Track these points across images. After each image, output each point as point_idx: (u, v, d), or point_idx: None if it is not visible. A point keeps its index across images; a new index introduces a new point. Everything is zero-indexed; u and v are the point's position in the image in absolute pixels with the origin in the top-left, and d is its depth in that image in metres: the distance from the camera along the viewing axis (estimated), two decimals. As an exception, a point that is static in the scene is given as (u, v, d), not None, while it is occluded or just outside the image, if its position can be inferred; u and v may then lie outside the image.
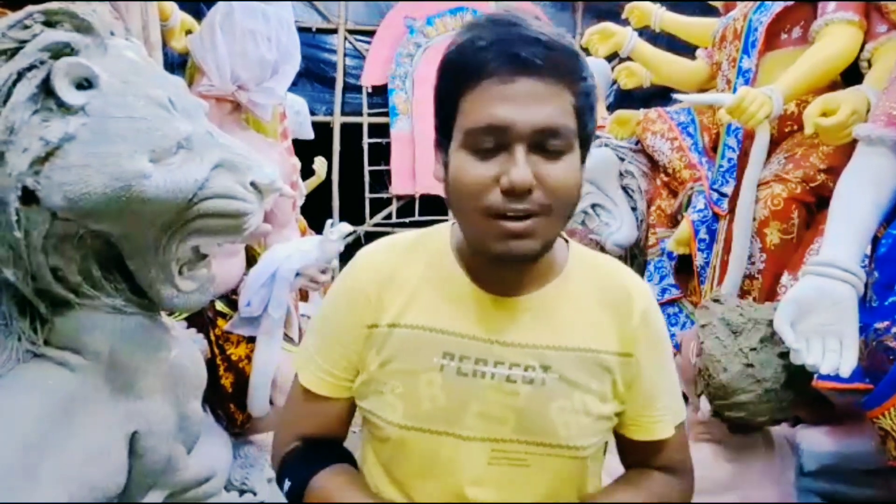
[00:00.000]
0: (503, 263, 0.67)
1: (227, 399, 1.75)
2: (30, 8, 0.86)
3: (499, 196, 0.62)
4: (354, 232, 1.84)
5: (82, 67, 0.85)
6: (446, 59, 0.66)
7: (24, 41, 0.83)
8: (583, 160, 0.68)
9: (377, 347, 0.72)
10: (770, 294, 1.53)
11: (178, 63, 2.22)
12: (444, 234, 0.77)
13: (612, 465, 0.86)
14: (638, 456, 0.80)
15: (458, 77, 0.64)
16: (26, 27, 0.84)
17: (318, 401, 0.77)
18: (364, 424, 0.79)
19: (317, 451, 0.78)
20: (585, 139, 0.67)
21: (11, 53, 0.83)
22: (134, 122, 0.88)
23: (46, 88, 0.84)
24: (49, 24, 0.86)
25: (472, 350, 0.70)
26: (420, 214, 4.78)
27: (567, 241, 0.78)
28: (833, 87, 1.56)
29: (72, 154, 0.85)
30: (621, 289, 0.75)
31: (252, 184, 1.03)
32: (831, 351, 1.02)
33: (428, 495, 0.71)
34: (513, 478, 0.70)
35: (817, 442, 1.31)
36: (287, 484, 0.75)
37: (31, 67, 0.83)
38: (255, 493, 1.78)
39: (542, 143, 0.62)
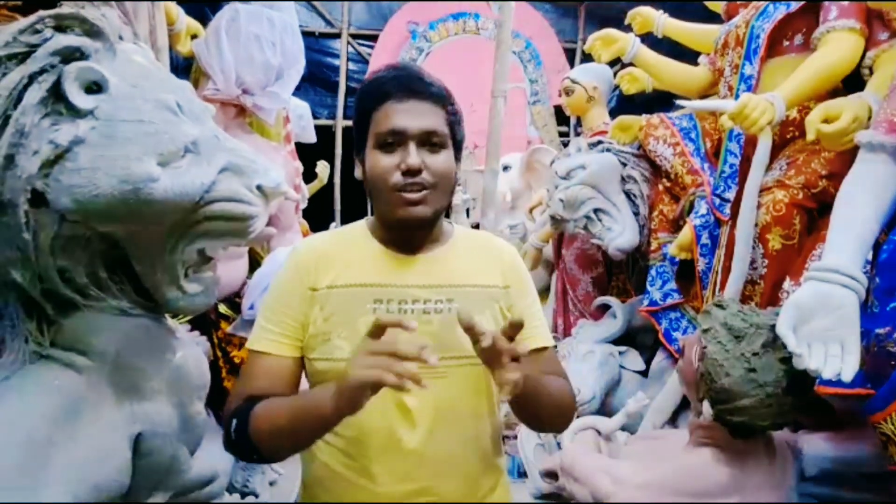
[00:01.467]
0: (406, 226, 0.93)
1: (229, 401, 1.76)
2: (41, 13, 0.87)
3: (400, 177, 0.89)
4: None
5: (92, 71, 0.86)
6: (362, 90, 0.96)
7: (35, 45, 0.84)
8: (457, 159, 0.97)
9: (320, 305, 0.92)
10: (772, 299, 1.53)
11: (182, 67, 2.24)
12: (361, 224, 1.03)
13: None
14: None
15: (370, 100, 0.93)
16: (37, 31, 0.85)
17: (267, 359, 0.92)
18: (311, 385, 0.95)
19: (262, 398, 0.88)
20: (456, 143, 0.97)
21: (22, 57, 0.84)
22: (142, 126, 0.89)
23: (56, 92, 0.85)
24: (59, 28, 0.87)
25: (395, 294, 0.93)
26: (422, 218, 4.78)
27: (451, 223, 1.05)
28: (835, 93, 1.57)
29: (81, 157, 0.85)
30: (493, 244, 1.06)
31: (258, 187, 1.04)
32: (833, 356, 1.02)
33: (375, 410, 0.85)
34: (437, 387, 0.86)
35: (818, 447, 1.31)
36: (234, 423, 0.85)
37: (41, 71, 0.84)
38: (256, 496, 1.78)
39: (426, 140, 0.91)
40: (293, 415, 0.83)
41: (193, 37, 1.97)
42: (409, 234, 0.96)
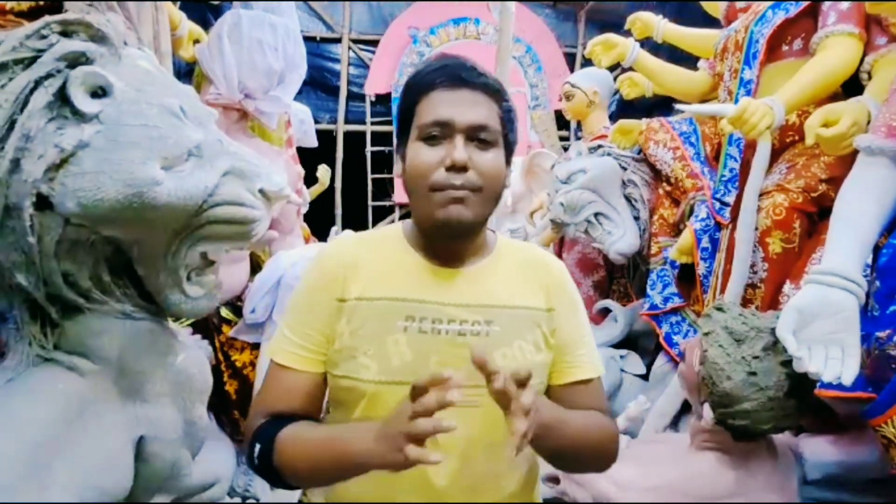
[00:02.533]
0: (445, 230, 0.83)
1: (231, 405, 1.76)
2: (47, 18, 0.88)
3: (443, 173, 0.81)
4: (358, 239, 1.84)
5: (97, 76, 0.86)
6: (408, 80, 0.88)
7: (41, 50, 0.85)
8: (507, 163, 0.87)
9: (347, 318, 0.84)
10: (772, 303, 1.54)
11: (184, 72, 2.25)
12: (397, 228, 0.94)
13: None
14: (566, 403, 0.89)
15: (415, 90, 0.85)
16: (43, 37, 0.86)
17: (291, 375, 0.86)
18: (331, 400, 0.89)
19: (287, 421, 0.83)
20: (508, 144, 0.87)
21: (29, 62, 0.85)
22: (147, 130, 0.90)
23: (62, 96, 0.85)
24: (65, 34, 0.88)
25: (429, 312, 0.84)
26: (422, 222, 4.79)
27: (495, 233, 0.96)
28: (834, 98, 1.57)
29: (86, 161, 0.86)
30: (540, 260, 0.95)
31: (260, 191, 1.04)
32: (833, 359, 1.02)
33: None
34: (468, 417, 0.80)
35: (820, 451, 1.31)
36: (257, 448, 0.80)
37: (47, 76, 0.84)
38: (257, 500, 1.78)
39: (476, 135, 0.82)
40: (325, 456, 0.76)
41: (196, 42, 1.98)
42: (448, 243, 0.87)
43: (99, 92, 0.88)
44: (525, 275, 0.91)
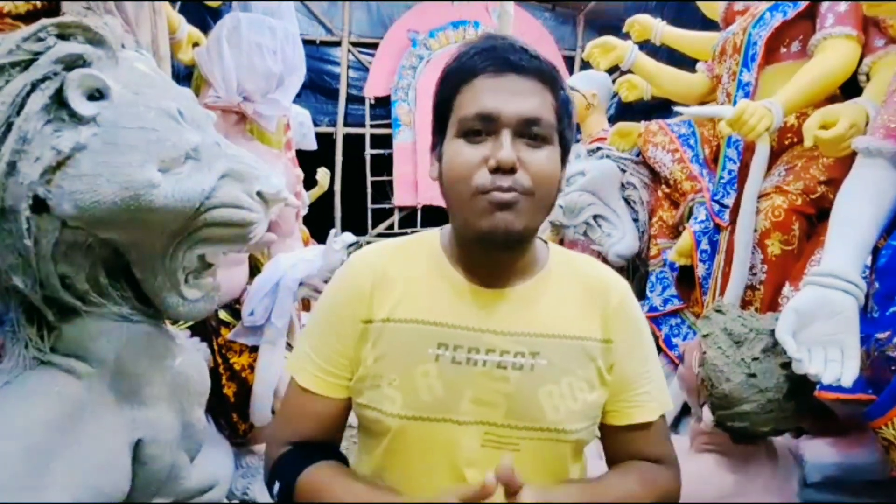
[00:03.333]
0: (489, 242, 0.71)
1: (229, 408, 1.75)
2: (43, 21, 0.88)
3: (487, 175, 0.69)
4: (357, 242, 1.85)
5: (94, 79, 0.86)
6: (446, 68, 0.75)
7: (38, 53, 0.85)
8: (563, 163, 0.75)
9: (372, 342, 0.75)
10: (771, 305, 1.53)
11: (183, 75, 2.25)
12: (433, 237, 0.83)
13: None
14: (621, 447, 0.80)
15: (455, 78, 0.73)
16: (40, 39, 0.86)
17: (315, 400, 0.79)
18: (359, 425, 0.81)
19: (308, 451, 0.78)
20: (564, 141, 0.75)
21: (26, 65, 0.85)
22: (144, 133, 0.90)
23: (59, 99, 0.85)
24: (62, 36, 0.88)
25: (465, 339, 0.74)
26: (422, 225, 4.80)
27: (547, 243, 0.84)
28: (832, 100, 1.58)
29: (83, 163, 0.86)
30: (599, 280, 0.81)
31: (258, 193, 1.04)
32: (833, 361, 1.02)
33: (428, 480, 0.73)
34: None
35: (820, 453, 1.31)
36: (277, 486, 0.75)
37: (44, 79, 0.84)
38: (255, 503, 1.77)
39: (526, 131, 0.70)
40: None
41: (195, 45, 1.98)
42: (493, 258, 0.75)
43: (96, 94, 0.88)
44: (580, 297, 0.78)
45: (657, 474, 0.78)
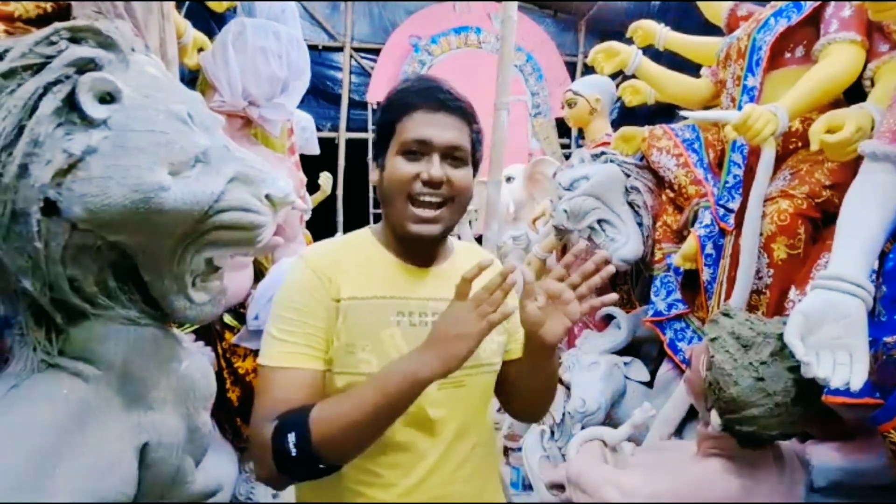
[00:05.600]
0: (418, 242, 0.94)
1: (233, 412, 1.75)
2: (56, 25, 0.88)
3: (420, 186, 0.91)
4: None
5: (106, 82, 0.87)
6: (390, 97, 0.97)
7: (51, 56, 0.85)
8: (473, 177, 0.99)
9: (343, 316, 0.91)
10: (777, 309, 1.53)
11: (188, 79, 2.26)
12: (365, 233, 1.03)
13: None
14: (513, 375, 1.04)
15: (398, 108, 0.95)
16: (52, 43, 0.87)
17: (295, 374, 0.87)
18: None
19: (301, 408, 0.85)
20: (476, 161, 0.99)
21: (38, 68, 0.85)
22: (154, 136, 0.90)
23: (71, 102, 0.86)
24: (74, 40, 0.88)
25: (415, 307, 0.94)
26: (424, 229, 4.79)
27: (449, 238, 1.05)
28: (836, 105, 1.58)
29: (93, 166, 0.86)
30: (480, 257, 1.03)
31: (266, 196, 1.04)
32: (841, 364, 1.02)
33: (400, 423, 0.87)
34: (457, 396, 0.95)
35: (827, 458, 1.30)
36: (292, 437, 0.80)
37: (56, 82, 0.85)
38: (259, 508, 1.77)
39: (450, 154, 0.93)
40: (377, 398, 0.80)
41: (200, 50, 1.99)
42: (421, 248, 0.98)
43: (107, 98, 0.88)
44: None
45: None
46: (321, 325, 0.90)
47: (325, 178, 3.43)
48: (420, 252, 0.99)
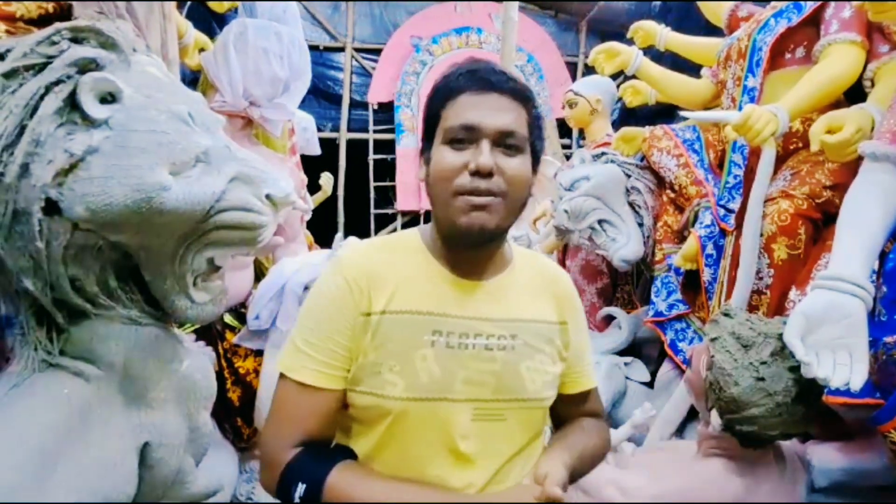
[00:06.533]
0: (467, 237, 0.82)
1: (234, 413, 1.75)
2: (57, 25, 0.89)
3: (467, 177, 0.79)
4: (362, 246, 1.85)
5: (107, 82, 0.87)
6: (436, 84, 0.86)
7: (52, 56, 0.86)
8: (534, 170, 0.86)
9: (371, 332, 0.82)
10: (778, 309, 1.53)
11: (189, 80, 2.26)
12: (414, 236, 0.91)
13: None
14: (570, 408, 0.97)
15: (443, 93, 0.84)
16: (54, 43, 0.87)
17: (317, 395, 0.82)
18: (343, 426, 0.86)
19: (324, 451, 0.83)
20: (535, 150, 0.86)
21: (40, 68, 0.85)
22: (155, 136, 0.90)
23: (72, 102, 0.86)
24: (76, 40, 0.89)
25: (456, 326, 0.83)
26: (425, 230, 4.80)
27: (510, 244, 0.95)
28: (837, 105, 1.58)
29: (94, 166, 0.86)
30: (550, 272, 0.96)
31: (267, 196, 1.05)
32: (842, 364, 1.02)
33: (425, 455, 0.81)
34: (492, 431, 0.84)
35: (828, 458, 1.30)
36: (301, 488, 0.77)
37: (58, 82, 0.85)
38: (260, 508, 1.77)
39: (502, 141, 0.81)
40: None
41: (201, 50, 1.99)
42: (470, 253, 0.86)
43: (108, 98, 0.89)
44: (539, 286, 0.92)
45: (599, 424, 0.98)
46: (345, 342, 0.82)
47: (325, 179, 3.43)
48: (470, 259, 0.86)
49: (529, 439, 0.88)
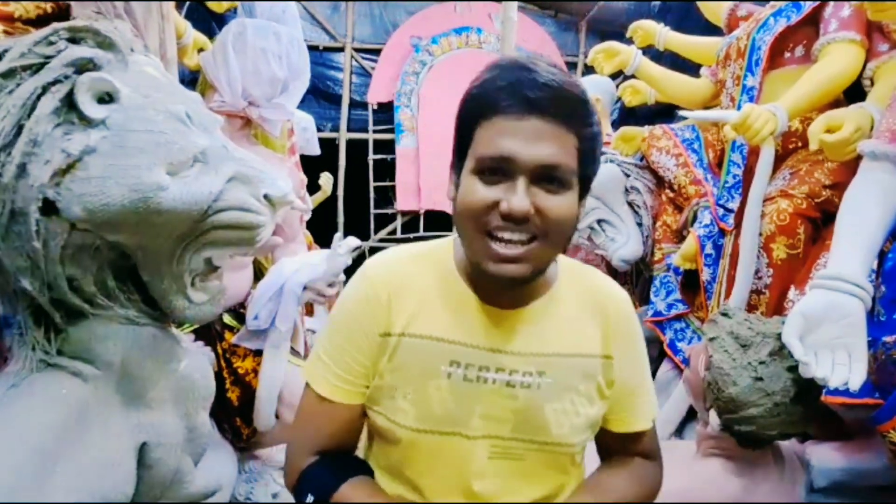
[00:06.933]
0: (496, 285, 0.74)
1: (233, 413, 1.75)
2: (55, 25, 0.89)
3: (498, 219, 0.69)
4: (360, 247, 1.85)
5: (104, 82, 0.87)
6: (470, 93, 0.73)
7: (50, 56, 0.86)
8: (581, 198, 0.74)
9: (389, 355, 0.78)
10: (777, 309, 1.53)
11: (188, 80, 2.26)
12: (447, 249, 0.83)
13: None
14: (617, 445, 0.87)
15: (476, 109, 0.72)
16: (51, 43, 0.87)
17: (335, 409, 0.80)
18: (369, 429, 0.85)
19: (337, 463, 0.81)
20: (585, 180, 0.74)
21: (37, 68, 0.85)
22: (153, 136, 0.90)
23: (69, 102, 0.86)
24: (73, 40, 0.89)
25: (476, 358, 0.76)
26: (424, 230, 4.80)
27: (556, 261, 0.82)
28: (836, 104, 1.58)
29: (92, 166, 0.86)
30: (601, 295, 0.83)
31: (265, 196, 1.04)
32: (840, 364, 1.02)
33: (437, 490, 0.77)
34: (511, 470, 0.77)
35: (827, 458, 1.30)
36: (310, 498, 0.77)
37: (55, 82, 0.85)
38: (259, 509, 1.77)
39: (543, 176, 0.69)
40: None
41: (200, 50, 1.99)
42: (503, 289, 0.77)
43: (106, 98, 0.88)
44: (584, 314, 0.81)
45: (645, 470, 0.86)
46: (363, 359, 0.78)
47: (325, 179, 3.44)
48: (501, 292, 0.77)
49: (558, 483, 0.80)
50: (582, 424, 0.78)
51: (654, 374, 2.16)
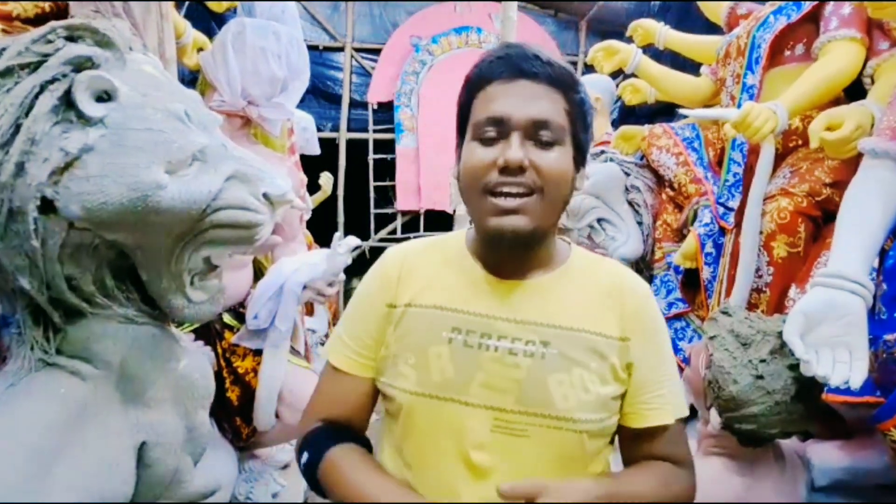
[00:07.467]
0: (499, 241, 0.77)
1: (232, 412, 1.75)
2: (53, 23, 0.88)
3: (496, 175, 0.74)
4: (360, 246, 1.85)
5: (103, 80, 0.87)
6: (467, 76, 0.81)
7: (47, 55, 0.86)
8: (578, 164, 0.79)
9: (394, 324, 0.82)
10: (778, 307, 1.53)
11: (188, 80, 2.26)
12: (460, 235, 0.89)
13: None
14: (638, 448, 0.83)
15: (472, 85, 0.79)
16: (49, 42, 0.87)
17: (345, 379, 0.85)
18: (383, 411, 0.87)
19: (336, 430, 0.85)
20: (579, 143, 0.78)
21: (35, 67, 0.85)
22: (151, 134, 0.90)
23: (67, 100, 0.86)
24: (71, 38, 0.89)
25: (478, 325, 0.78)
26: (425, 230, 4.81)
27: (569, 243, 0.88)
28: (836, 103, 1.58)
29: (90, 165, 0.86)
30: (620, 281, 0.84)
31: (264, 195, 1.04)
32: (841, 362, 1.01)
33: (436, 459, 0.77)
34: (515, 447, 0.75)
35: (828, 457, 1.30)
36: (305, 456, 0.81)
37: (53, 80, 0.85)
38: (259, 508, 1.77)
39: (536, 133, 0.74)
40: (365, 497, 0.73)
41: (199, 50, 1.99)
42: (507, 253, 0.80)
43: (104, 96, 0.88)
44: (598, 296, 0.81)
45: (672, 474, 0.81)
46: (372, 332, 0.83)
47: (325, 179, 3.44)
48: (507, 258, 0.80)
49: (559, 467, 0.75)
50: (591, 402, 0.75)
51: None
